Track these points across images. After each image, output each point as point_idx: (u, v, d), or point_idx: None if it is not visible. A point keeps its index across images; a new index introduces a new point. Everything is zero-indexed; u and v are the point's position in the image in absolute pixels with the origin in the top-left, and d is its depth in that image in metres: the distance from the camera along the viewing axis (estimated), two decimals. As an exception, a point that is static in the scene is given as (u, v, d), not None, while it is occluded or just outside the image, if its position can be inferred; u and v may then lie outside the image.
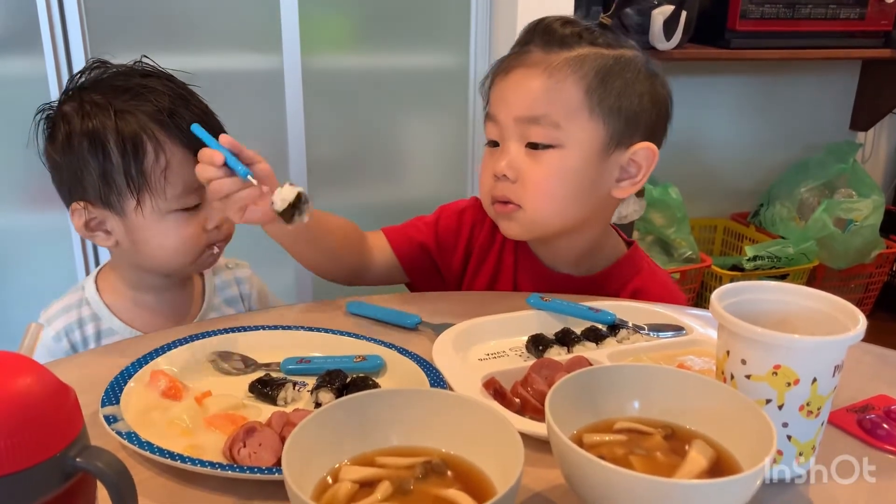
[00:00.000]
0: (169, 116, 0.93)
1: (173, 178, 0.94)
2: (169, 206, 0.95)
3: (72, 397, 0.47)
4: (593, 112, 0.96)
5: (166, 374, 0.77)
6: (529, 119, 0.96)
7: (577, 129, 0.96)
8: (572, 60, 0.96)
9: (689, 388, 0.62)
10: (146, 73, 0.98)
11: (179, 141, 0.93)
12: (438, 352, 0.82)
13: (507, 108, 0.98)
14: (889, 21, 2.44)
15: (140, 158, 0.92)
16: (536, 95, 0.96)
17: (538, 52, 0.97)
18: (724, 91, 2.74)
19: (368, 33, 1.94)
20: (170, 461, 0.63)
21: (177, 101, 0.95)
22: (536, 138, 0.96)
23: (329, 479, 0.55)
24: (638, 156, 0.99)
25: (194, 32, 1.76)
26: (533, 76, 0.96)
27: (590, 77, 0.95)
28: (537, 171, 0.97)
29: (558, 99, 0.95)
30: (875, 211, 2.56)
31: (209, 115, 0.98)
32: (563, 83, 0.95)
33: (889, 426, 0.71)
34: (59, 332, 1.00)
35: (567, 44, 0.97)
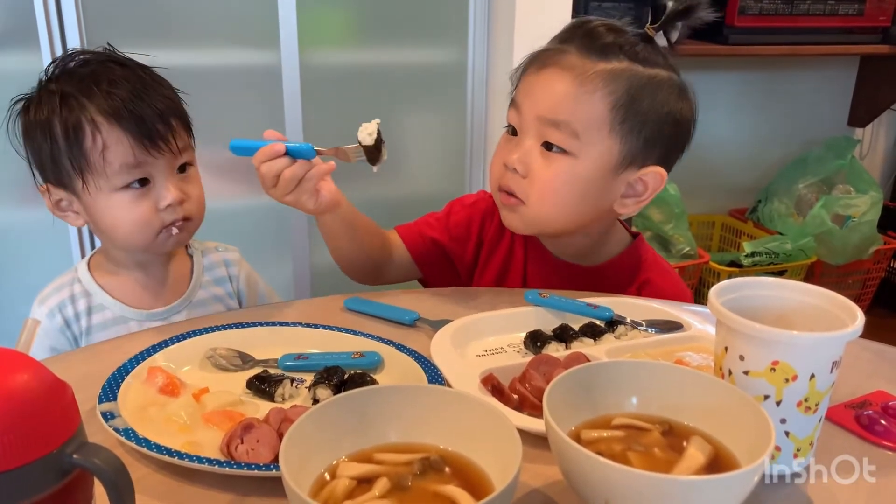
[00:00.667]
0: (105, 97, 0.96)
1: (111, 157, 0.96)
2: (112, 185, 0.97)
3: (69, 394, 0.47)
4: (613, 129, 0.96)
5: (164, 371, 0.77)
6: (550, 121, 0.96)
7: (594, 142, 0.96)
8: (606, 73, 0.95)
9: (687, 384, 0.62)
10: (103, 59, 1.01)
11: (112, 120, 0.96)
12: (436, 348, 0.82)
13: (532, 104, 0.98)
14: (887, 17, 2.44)
15: (80, 140, 0.95)
16: (562, 100, 0.95)
17: (575, 55, 0.97)
18: (722, 87, 2.74)
19: (366, 28, 1.94)
20: (167, 458, 0.62)
21: (116, 82, 0.97)
22: (553, 140, 0.97)
23: (327, 476, 0.55)
24: (647, 177, 1.00)
25: (191, 28, 1.75)
26: (564, 80, 0.96)
27: (619, 94, 0.95)
28: (546, 173, 0.97)
29: (583, 109, 0.95)
30: (873, 207, 2.56)
31: (148, 93, 0.99)
32: (591, 94, 0.95)
33: (887, 422, 0.71)
34: (52, 309, 1.03)
35: (605, 54, 0.96)
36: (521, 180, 0.99)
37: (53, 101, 0.96)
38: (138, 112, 0.96)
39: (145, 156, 0.97)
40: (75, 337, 1.03)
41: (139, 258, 1.06)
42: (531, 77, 0.99)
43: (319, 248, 1.98)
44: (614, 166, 0.98)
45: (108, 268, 1.07)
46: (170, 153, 0.99)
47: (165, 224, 1.00)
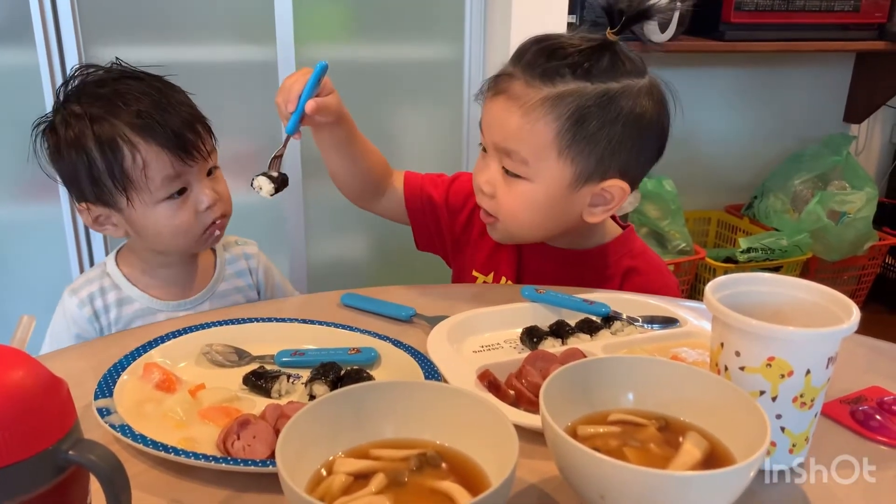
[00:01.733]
0: (136, 116, 0.99)
1: (152, 174, 0.99)
2: (155, 198, 1.01)
3: (64, 390, 0.46)
4: (561, 154, 0.96)
5: (160, 367, 0.77)
6: (503, 149, 0.99)
7: (544, 167, 0.97)
8: (550, 100, 0.94)
9: (683, 379, 0.62)
10: (119, 76, 1.03)
11: (149, 137, 0.99)
12: (433, 344, 0.82)
13: (488, 130, 1.01)
14: (883, 13, 2.44)
15: (119, 160, 0.98)
16: (510, 131, 0.97)
17: (520, 83, 0.97)
18: (718, 83, 2.74)
19: (363, 24, 1.93)
20: (163, 454, 0.62)
21: (142, 100, 1.00)
22: (507, 166, 0.99)
23: (323, 472, 0.55)
24: (613, 189, 0.99)
25: (187, 23, 1.75)
26: (510, 110, 0.97)
27: (562, 119, 0.94)
28: (508, 197, 1.01)
29: (529, 139, 0.96)
30: (868, 203, 2.57)
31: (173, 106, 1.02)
32: (534, 124, 0.95)
33: (882, 417, 0.71)
34: (83, 300, 1.06)
35: (549, 78, 0.95)
36: (490, 200, 1.02)
37: (82, 122, 0.99)
38: (169, 125, 0.99)
39: (183, 166, 1.01)
40: (103, 328, 1.06)
41: (169, 259, 1.09)
42: (488, 102, 1.02)
43: (315, 243, 1.98)
44: (569, 186, 0.98)
45: (135, 264, 1.10)
46: (202, 159, 1.03)
47: (206, 226, 1.05)
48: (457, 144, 2.07)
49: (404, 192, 1.16)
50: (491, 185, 1.01)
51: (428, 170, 1.21)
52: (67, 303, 1.06)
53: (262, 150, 1.90)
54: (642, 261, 1.11)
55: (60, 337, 1.05)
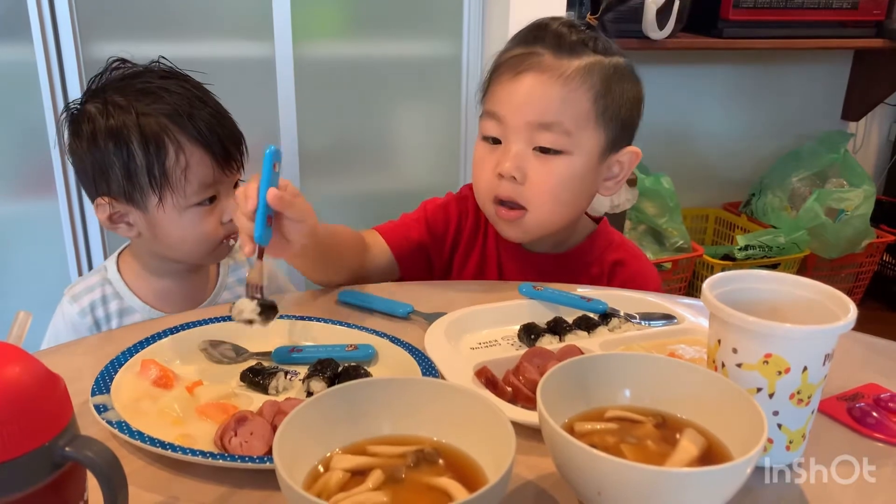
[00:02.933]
0: (188, 118, 0.98)
1: (191, 177, 0.99)
2: (188, 202, 1.00)
3: (61, 386, 0.46)
4: (598, 120, 0.99)
5: (157, 363, 0.77)
6: (542, 125, 0.98)
7: (585, 137, 0.99)
8: (582, 69, 0.98)
9: (680, 376, 0.62)
10: (164, 75, 1.03)
11: (196, 141, 0.99)
12: (430, 341, 0.82)
13: (518, 112, 0.99)
14: (881, 11, 2.44)
15: (162, 158, 0.97)
16: (551, 103, 0.97)
17: (549, 57, 0.99)
18: (716, 80, 2.74)
19: (361, 21, 1.93)
20: (160, 450, 0.62)
21: (194, 103, 1.00)
22: (547, 143, 0.99)
23: (320, 468, 0.55)
24: (624, 157, 1.04)
25: (185, 20, 1.74)
26: (547, 83, 0.98)
27: (597, 86, 0.98)
28: (545, 176, 1.00)
29: (571, 108, 0.98)
30: (866, 201, 2.57)
31: (223, 117, 1.04)
32: (576, 92, 0.98)
33: (878, 414, 0.71)
34: (84, 308, 1.05)
35: (576, 51, 0.99)
36: (519, 187, 1.00)
37: (127, 114, 0.97)
38: (217, 133, 1.00)
39: (221, 175, 1.01)
40: None
41: (175, 267, 1.08)
42: (507, 85, 1.00)
43: (313, 240, 1.98)
44: (600, 155, 1.02)
45: (137, 270, 1.09)
46: (236, 172, 1.05)
47: (226, 236, 1.05)
48: (454, 141, 2.07)
49: (391, 249, 1.09)
50: (521, 170, 0.99)
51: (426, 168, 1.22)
52: (68, 309, 1.05)
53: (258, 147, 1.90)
54: (625, 252, 1.13)
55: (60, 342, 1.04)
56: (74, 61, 1.61)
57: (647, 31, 2.14)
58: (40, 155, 0.99)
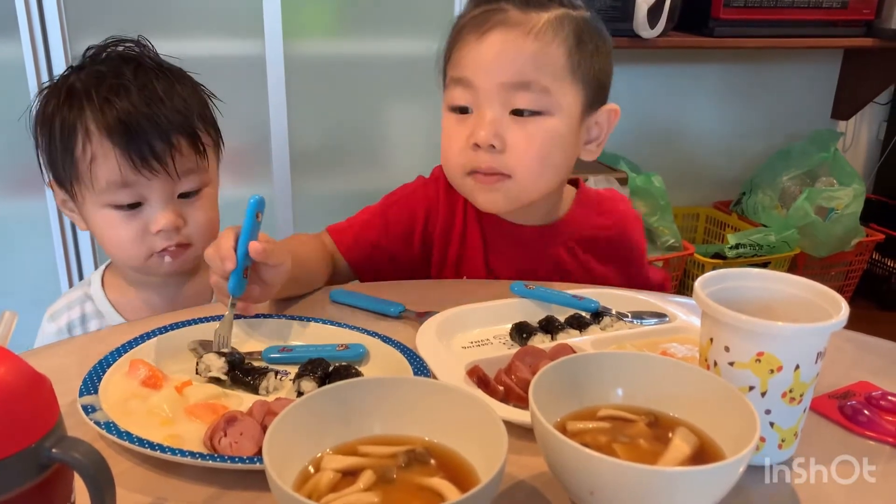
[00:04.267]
0: (101, 106, 0.88)
1: (98, 172, 0.90)
2: (100, 200, 0.92)
3: (47, 387, 0.46)
4: (575, 76, 0.94)
5: (146, 363, 0.76)
6: (517, 84, 0.92)
7: (563, 94, 0.94)
8: (554, 22, 0.93)
9: (672, 375, 0.62)
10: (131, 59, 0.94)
11: (107, 135, 0.88)
12: (422, 340, 0.81)
13: (488, 74, 0.93)
14: (871, 10, 2.45)
15: (71, 147, 0.90)
16: (525, 60, 0.92)
17: (516, 12, 0.93)
18: (707, 79, 2.75)
19: (352, 19, 1.92)
20: (149, 451, 0.62)
21: (138, 93, 0.90)
22: (524, 104, 0.93)
23: (311, 469, 0.55)
24: (602, 117, 1.00)
25: (174, 16, 1.73)
26: (519, 39, 0.92)
27: (570, 40, 0.93)
28: (526, 139, 0.93)
29: (546, 63, 0.92)
30: (856, 199, 2.58)
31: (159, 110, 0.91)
32: (549, 46, 0.92)
33: (870, 413, 0.71)
34: (61, 328, 0.99)
35: (543, 4, 0.94)
36: (500, 155, 0.94)
37: (58, 97, 0.91)
38: (134, 126, 0.88)
39: (135, 175, 0.89)
40: None
41: (156, 278, 1.00)
42: (473, 47, 0.94)
43: (304, 239, 1.98)
44: (580, 114, 0.97)
45: (120, 285, 1.02)
46: (165, 176, 0.91)
47: (155, 250, 0.94)
48: (446, 140, 2.06)
49: (346, 260, 1.04)
50: (499, 137, 0.93)
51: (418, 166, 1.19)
52: (46, 328, 1.00)
53: (249, 145, 1.90)
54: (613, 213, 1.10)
55: None
56: (63, 58, 1.61)
57: (638, 30, 2.14)
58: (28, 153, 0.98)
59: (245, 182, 1.90)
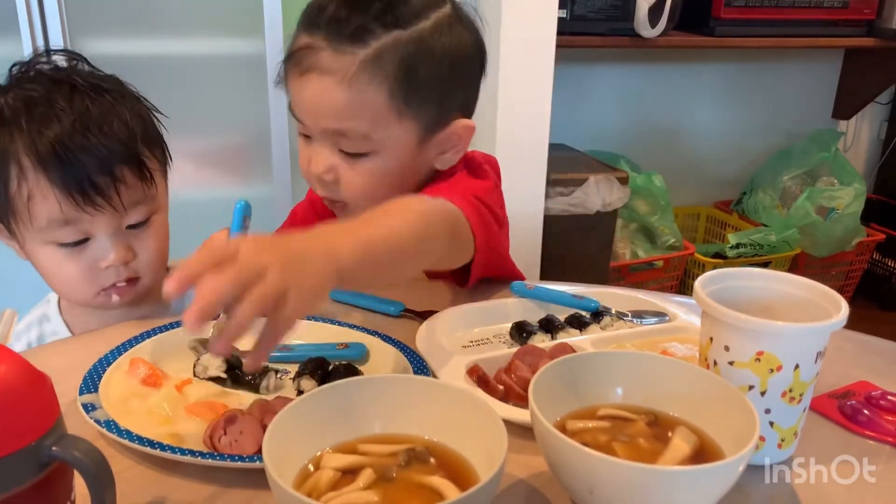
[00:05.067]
0: (34, 139, 0.81)
1: (37, 211, 0.83)
2: (41, 238, 0.85)
3: (47, 385, 0.46)
4: (401, 113, 0.88)
5: (146, 362, 0.76)
6: (336, 131, 0.89)
7: (388, 134, 0.89)
8: (369, 62, 0.85)
9: (672, 374, 0.62)
10: (62, 79, 0.86)
11: (44, 172, 0.81)
12: (422, 339, 0.81)
13: (310, 118, 0.90)
14: (872, 10, 2.45)
15: (5, 182, 0.83)
16: (338, 109, 0.87)
17: (328, 53, 0.86)
18: (708, 79, 2.75)
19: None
20: (149, 450, 0.62)
21: (69, 121, 0.82)
22: (347, 148, 0.90)
23: (311, 467, 0.55)
24: (455, 130, 0.94)
25: (175, 15, 1.73)
26: (329, 87, 0.86)
27: (391, 78, 0.86)
28: (357, 179, 0.91)
29: (362, 111, 0.87)
30: (856, 199, 2.58)
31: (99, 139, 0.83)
32: (364, 93, 0.86)
33: (870, 412, 0.71)
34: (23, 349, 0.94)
35: (359, 37, 0.85)
36: (335, 186, 0.93)
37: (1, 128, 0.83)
38: (71, 158, 0.81)
39: (77, 213, 0.83)
40: None
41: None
42: (295, 83, 0.90)
43: (305, 238, 1.97)
44: (418, 142, 0.92)
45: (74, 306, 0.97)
46: (111, 210, 0.84)
47: (104, 286, 0.89)
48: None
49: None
50: (332, 172, 0.91)
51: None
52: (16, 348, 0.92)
53: (249, 144, 1.90)
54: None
55: None
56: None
57: (639, 30, 2.14)
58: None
59: (245, 182, 1.90)
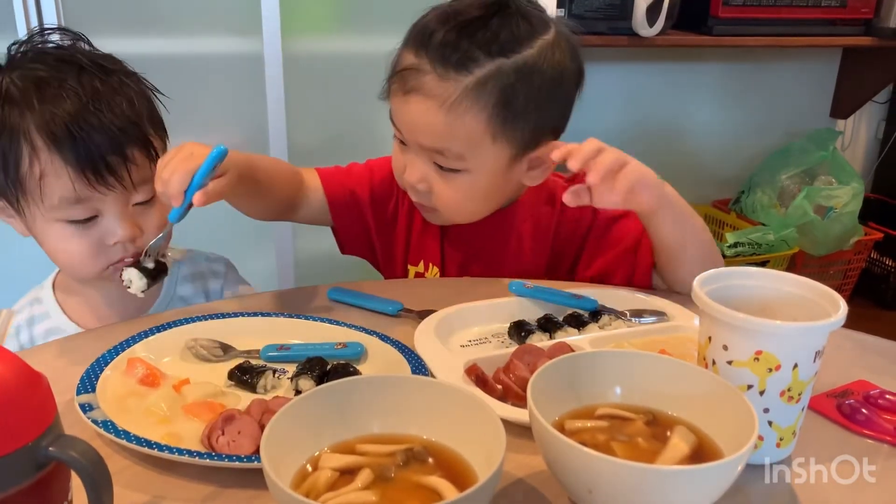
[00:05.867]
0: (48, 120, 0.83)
1: (48, 189, 0.84)
2: (52, 216, 0.86)
3: (44, 385, 0.46)
4: (496, 138, 0.93)
5: (144, 361, 0.76)
6: (433, 149, 0.94)
7: (481, 155, 0.94)
8: (471, 90, 0.90)
9: (670, 374, 0.62)
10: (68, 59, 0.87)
11: (58, 151, 0.83)
12: (420, 338, 0.81)
13: (410, 134, 0.96)
14: (870, 9, 2.45)
15: (16, 162, 0.84)
16: (437, 130, 0.92)
17: (433, 78, 0.90)
18: (706, 78, 2.75)
19: (351, 16, 1.92)
20: (147, 450, 0.62)
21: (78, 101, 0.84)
22: (442, 163, 0.95)
23: (309, 467, 0.55)
24: (547, 149, 0.95)
25: (172, 15, 1.73)
26: (431, 110, 0.91)
27: (490, 105, 0.90)
28: (448, 191, 0.97)
29: (459, 135, 0.92)
30: (854, 198, 2.58)
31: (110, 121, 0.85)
32: (462, 118, 0.91)
33: (868, 411, 0.71)
34: (10, 336, 0.96)
35: (464, 65, 0.89)
36: (427, 194, 0.98)
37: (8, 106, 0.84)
38: (85, 137, 0.82)
39: (90, 192, 0.85)
40: None
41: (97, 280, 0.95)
42: (398, 100, 0.95)
43: (303, 237, 1.97)
44: (508, 163, 0.96)
45: (71, 285, 0.99)
46: (121, 189, 0.86)
47: (112, 261, 0.90)
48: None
49: (326, 194, 1.07)
50: (425, 183, 0.97)
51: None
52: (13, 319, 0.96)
53: (247, 143, 1.89)
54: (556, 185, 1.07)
55: None
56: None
57: (637, 29, 2.13)
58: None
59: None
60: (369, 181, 1.10)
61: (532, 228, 1.07)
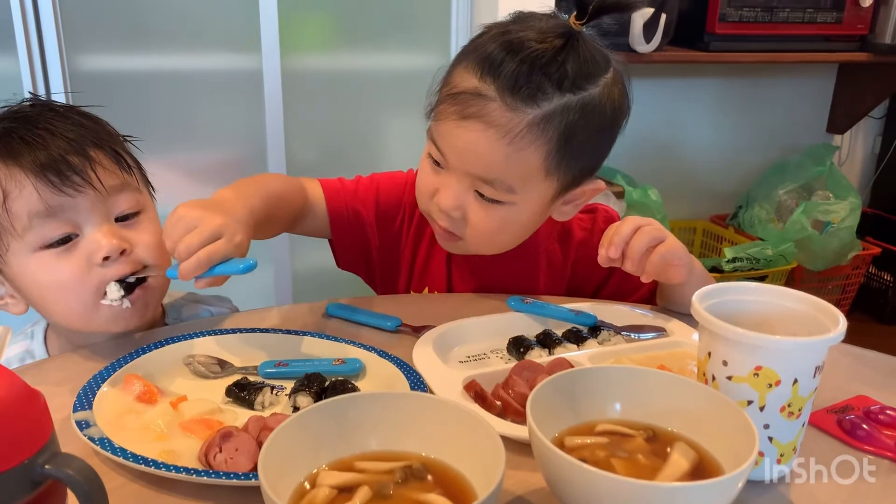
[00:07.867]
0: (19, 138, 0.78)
1: (15, 207, 0.78)
2: (28, 244, 0.79)
3: (40, 402, 0.45)
4: (549, 174, 0.91)
5: (141, 378, 0.75)
6: (481, 178, 0.90)
7: (531, 190, 0.92)
8: (537, 124, 0.87)
9: (670, 389, 0.62)
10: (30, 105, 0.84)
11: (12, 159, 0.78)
12: (419, 354, 0.81)
13: (458, 158, 0.91)
14: (865, 25, 2.47)
15: None
16: (493, 160, 0.88)
17: (499, 107, 0.86)
18: (703, 93, 2.76)
19: (348, 33, 1.93)
20: (144, 467, 0.61)
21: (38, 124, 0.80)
22: (487, 193, 0.91)
23: (307, 485, 0.55)
24: (586, 189, 0.97)
25: (172, 32, 1.74)
26: (491, 139, 0.87)
27: (552, 142, 0.88)
28: (484, 220, 0.93)
29: (516, 168, 0.89)
30: (852, 213, 2.59)
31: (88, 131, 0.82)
32: (523, 151, 0.88)
33: (868, 427, 0.71)
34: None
35: (534, 98, 0.86)
36: (457, 221, 0.94)
37: None
38: (40, 143, 0.77)
39: (59, 197, 0.78)
40: None
41: (99, 337, 0.87)
42: (451, 126, 0.90)
43: (300, 253, 1.98)
44: (551, 200, 0.95)
45: (61, 342, 0.93)
46: (93, 192, 0.79)
47: (106, 280, 0.81)
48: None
49: (328, 210, 1.05)
50: (459, 210, 0.93)
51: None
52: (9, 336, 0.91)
53: (245, 159, 1.90)
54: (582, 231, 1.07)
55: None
56: (59, 73, 1.61)
57: (634, 45, 2.15)
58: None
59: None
60: (375, 201, 1.07)
61: (546, 263, 1.07)
